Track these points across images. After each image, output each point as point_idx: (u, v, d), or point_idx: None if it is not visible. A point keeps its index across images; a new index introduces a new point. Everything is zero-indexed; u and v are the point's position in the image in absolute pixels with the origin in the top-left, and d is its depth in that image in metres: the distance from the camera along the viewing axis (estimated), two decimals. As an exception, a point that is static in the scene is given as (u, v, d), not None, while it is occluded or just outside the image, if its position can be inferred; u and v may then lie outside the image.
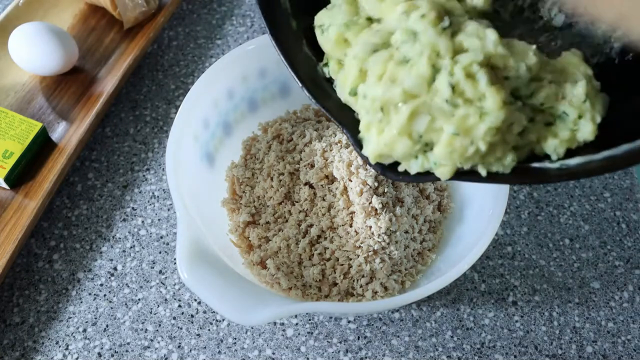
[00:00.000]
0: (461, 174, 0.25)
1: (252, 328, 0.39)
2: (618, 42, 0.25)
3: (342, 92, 0.27)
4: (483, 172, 0.25)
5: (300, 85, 0.28)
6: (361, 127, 0.26)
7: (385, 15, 0.26)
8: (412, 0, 0.24)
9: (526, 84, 0.24)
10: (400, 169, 0.26)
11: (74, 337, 0.39)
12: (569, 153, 0.25)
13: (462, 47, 0.23)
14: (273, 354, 0.39)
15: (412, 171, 0.26)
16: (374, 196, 0.35)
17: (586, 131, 0.24)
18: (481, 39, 0.23)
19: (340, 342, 0.39)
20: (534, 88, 0.24)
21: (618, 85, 0.25)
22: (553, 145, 0.25)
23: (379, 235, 0.35)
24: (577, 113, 0.24)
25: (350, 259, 0.36)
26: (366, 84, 0.25)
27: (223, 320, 0.40)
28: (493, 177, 0.25)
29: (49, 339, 0.39)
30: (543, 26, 0.26)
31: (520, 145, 0.25)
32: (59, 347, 0.39)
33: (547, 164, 0.25)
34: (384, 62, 0.24)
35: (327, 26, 0.27)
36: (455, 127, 0.23)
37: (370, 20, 0.27)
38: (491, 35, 0.23)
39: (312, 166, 0.39)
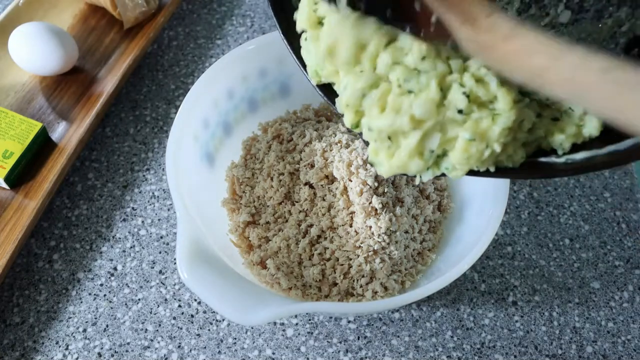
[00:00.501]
0: (472, 172, 0.26)
1: (252, 328, 0.39)
2: (624, 37, 0.25)
3: (343, 116, 0.27)
4: (492, 168, 0.25)
5: (313, 85, 0.29)
6: (369, 151, 0.26)
7: (364, 68, 0.25)
8: (392, 44, 0.24)
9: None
10: (416, 182, 0.27)
11: (74, 337, 0.39)
12: (575, 148, 0.25)
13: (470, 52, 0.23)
14: (273, 354, 0.39)
15: (424, 179, 0.26)
16: (374, 196, 0.35)
17: (591, 126, 0.24)
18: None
19: (340, 342, 0.39)
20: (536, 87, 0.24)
21: None
22: (559, 140, 0.25)
23: (379, 235, 0.35)
24: (583, 109, 0.24)
25: (350, 259, 0.36)
26: (368, 117, 0.25)
27: (223, 320, 0.40)
28: (502, 172, 0.26)
29: (49, 339, 0.39)
30: (550, 22, 0.26)
31: (529, 141, 0.25)
32: (59, 347, 0.39)
33: (553, 159, 0.26)
34: (380, 98, 0.24)
35: (307, 66, 0.28)
36: (471, 132, 0.23)
37: None
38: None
39: (312, 166, 0.39)
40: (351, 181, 0.36)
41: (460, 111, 0.23)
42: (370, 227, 0.35)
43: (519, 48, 0.19)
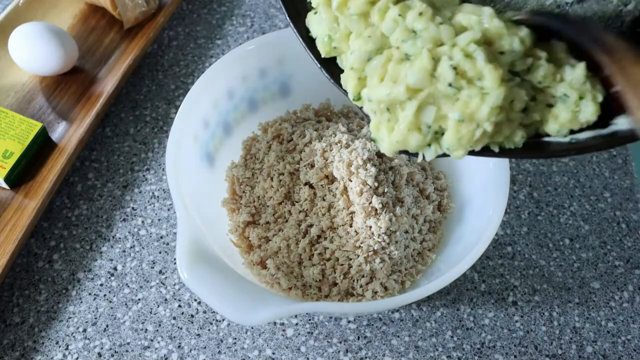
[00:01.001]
0: (475, 151, 0.26)
1: (252, 328, 0.39)
2: (629, 16, 0.25)
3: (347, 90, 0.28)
4: (495, 148, 0.26)
5: (319, 66, 0.29)
6: (371, 127, 0.27)
7: (374, 21, 0.26)
8: (402, 2, 0.25)
9: (521, 58, 0.24)
10: (418, 159, 0.27)
11: (74, 337, 0.39)
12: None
13: (462, 26, 0.24)
14: (273, 354, 0.39)
15: (428, 158, 0.26)
16: (374, 196, 0.35)
17: (588, 112, 0.24)
18: (478, 15, 0.24)
19: (340, 342, 0.39)
20: (530, 63, 0.24)
21: None
22: (555, 129, 0.25)
23: (379, 235, 0.35)
24: (578, 94, 0.24)
25: (350, 259, 0.36)
26: (369, 87, 0.26)
27: (223, 320, 0.40)
28: (506, 152, 0.26)
29: (49, 339, 0.39)
30: (554, 2, 0.26)
31: (527, 123, 0.25)
32: (59, 347, 0.39)
33: (558, 138, 0.26)
34: (382, 66, 0.25)
35: (315, 36, 0.28)
36: (460, 113, 0.24)
37: None
38: (487, 10, 0.24)
39: (312, 166, 0.39)
40: (351, 181, 0.36)
41: (450, 84, 0.24)
42: (370, 227, 0.35)
43: None
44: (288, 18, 0.29)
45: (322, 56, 0.29)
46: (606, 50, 0.23)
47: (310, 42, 0.29)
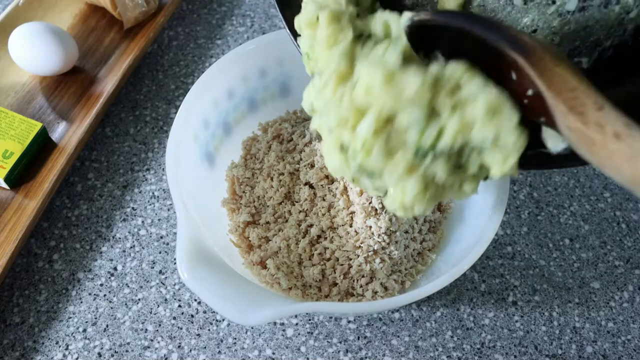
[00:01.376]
0: None
1: (252, 328, 0.39)
2: (632, 24, 0.25)
3: None
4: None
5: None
6: None
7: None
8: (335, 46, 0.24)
9: (423, 128, 0.21)
10: None
11: (74, 337, 0.39)
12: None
13: (361, 103, 0.22)
14: (273, 354, 0.39)
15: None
16: (374, 196, 0.35)
17: (508, 134, 0.21)
18: (370, 91, 0.21)
19: (340, 342, 0.39)
20: (436, 132, 0.21)
21: (632, 67, 0.25)
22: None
23: (379, 235, 0.35)
24: (494, 130, 0.21)
25: (350, 259, 0.36)
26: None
27: (223, 320, 0.40)
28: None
29: (49, 339, 0.39)
30: (556, 11, 0.26)
31: (475, 174, 0.24)
32: (59, 347, 0.39)
33: (557, 150, 0.24)
34: (318, 128, 0.25)
35: (301, 52, 0.28)
36: (388, 205, 0.24)
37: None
38: (377, 74, 0.21)
39: (312, 166, 0.39)
40: (351, 181, 0.36)
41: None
42: (370, 227, 0.35)
43: (632, 151, 0.16)
44: (284, 22, 0.29)
45: (309, 73, 0.28)
46: (522, 50, 0.20)
47: None
